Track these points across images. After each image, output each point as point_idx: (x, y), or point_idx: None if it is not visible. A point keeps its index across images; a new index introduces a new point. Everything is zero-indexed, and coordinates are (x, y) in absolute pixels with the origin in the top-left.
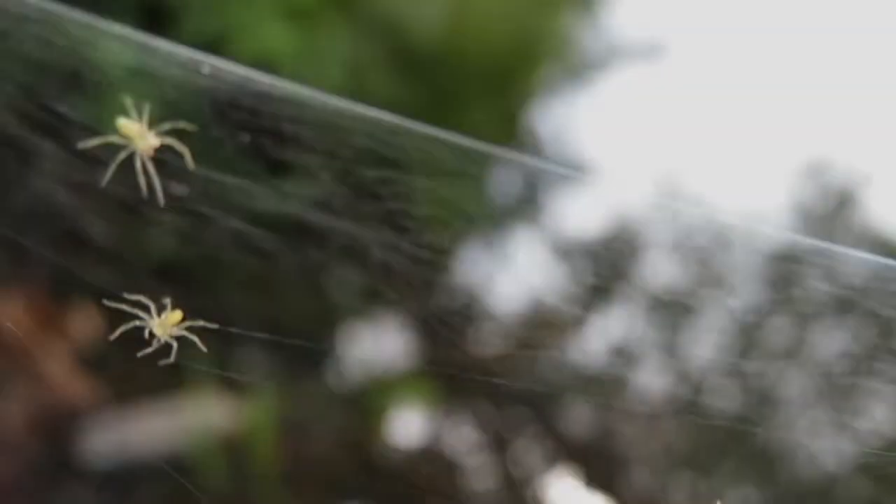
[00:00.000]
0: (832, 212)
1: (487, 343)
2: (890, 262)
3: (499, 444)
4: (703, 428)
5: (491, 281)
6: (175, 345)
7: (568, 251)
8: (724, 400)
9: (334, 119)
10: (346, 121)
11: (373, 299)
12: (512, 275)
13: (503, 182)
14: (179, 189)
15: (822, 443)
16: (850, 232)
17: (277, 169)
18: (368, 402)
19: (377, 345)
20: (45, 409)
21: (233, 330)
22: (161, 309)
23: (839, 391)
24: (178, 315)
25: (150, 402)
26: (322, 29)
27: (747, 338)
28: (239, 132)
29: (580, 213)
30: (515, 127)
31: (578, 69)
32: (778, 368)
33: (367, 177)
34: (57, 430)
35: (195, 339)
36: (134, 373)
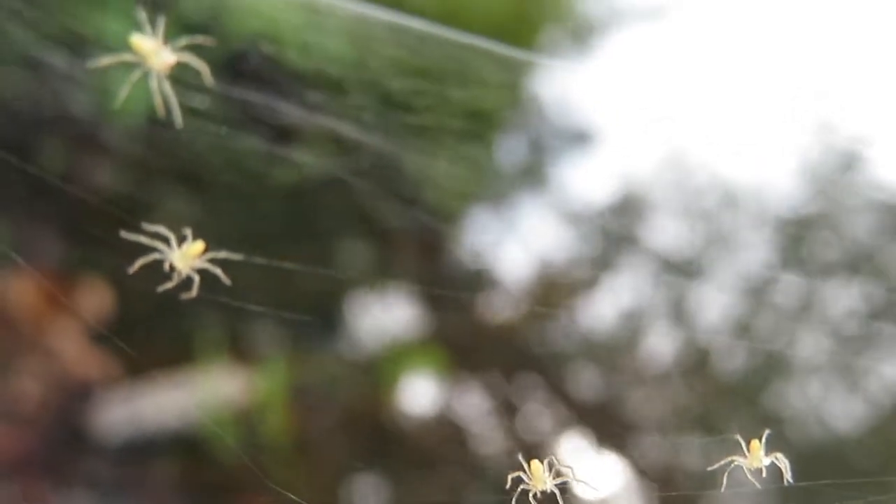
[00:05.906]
0: (839, 172)
1: (498, 309)
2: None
3: (509, 410)
4: (713, 389)
5: (500, 247)
6: (197, 278)
7: (576, 216)
8: (734, 360)
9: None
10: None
11: (384, 266)
12: (521, 241)
13: (510, 148)
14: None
15: (833, 402)
16: (857, 192)
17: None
18: (380, 370)
19: (388, 313)
20: (58, 384)
21: (257, 260)
22: (182, 240)
23: (849, 348)
24: (200, 245)
25: (162, 375)
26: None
27: (757, 298)
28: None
29: (587, 177)
30: (518, 92)
31: (581, 32)
32: (788, 328)
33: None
34: (71, 405)
35: (218, 271)
36: (147, 346)
